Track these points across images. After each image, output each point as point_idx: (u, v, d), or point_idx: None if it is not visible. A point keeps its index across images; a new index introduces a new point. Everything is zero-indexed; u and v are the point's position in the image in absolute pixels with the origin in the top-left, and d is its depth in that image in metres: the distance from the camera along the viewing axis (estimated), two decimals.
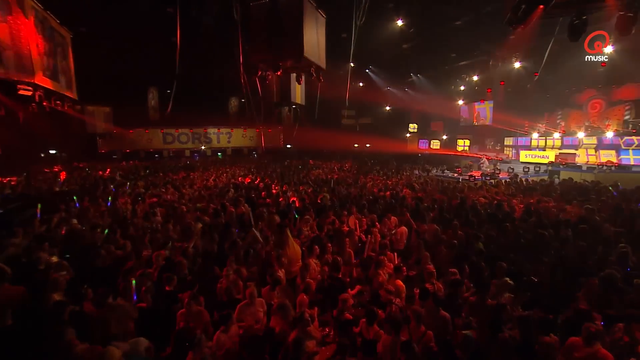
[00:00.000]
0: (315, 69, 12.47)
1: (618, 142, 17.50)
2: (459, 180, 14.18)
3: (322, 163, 23.92)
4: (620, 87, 19.33)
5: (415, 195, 10.19)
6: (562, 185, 12.50)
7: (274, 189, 12.96)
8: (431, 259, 5.53)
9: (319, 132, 33.65)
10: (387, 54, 20.66)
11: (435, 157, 25.12)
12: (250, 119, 24.87)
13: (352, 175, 16.19)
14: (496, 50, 17.57)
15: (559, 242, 5.71)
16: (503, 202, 8.83)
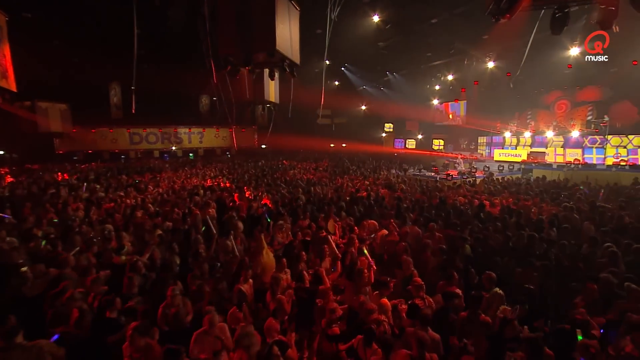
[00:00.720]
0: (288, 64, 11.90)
1: (583, 141, 18.27)
2: (437, 180, 14.07)
3: (298, 163, 23.32)
4: (582, 88, 20.13)
5: (395, 195, 9.84)
6: (536, 183, 12.64)
7: (247, 192, 12.26)
8: (415, 265, 5.12)
9: (294, 132, 33.08)
10: (363, 51, 20.38)
11: (411, 157, 25.17)
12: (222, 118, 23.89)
13: (329, 176, 15.72)
14: (471, 49, 17.69)
15: (546, 243, 5.46)
16: (483, 201, 8.64)
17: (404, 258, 4.90)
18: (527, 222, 6.85)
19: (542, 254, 5.32)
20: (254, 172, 18.12)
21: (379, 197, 9.39)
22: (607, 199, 9.39)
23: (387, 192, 10.54)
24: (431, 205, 8.51)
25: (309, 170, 19.14)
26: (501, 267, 4.97)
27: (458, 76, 21.65)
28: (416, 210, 7.83)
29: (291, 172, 17.87)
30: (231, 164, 22.81)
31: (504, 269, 5.00)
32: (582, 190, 10.76)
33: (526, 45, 17.22)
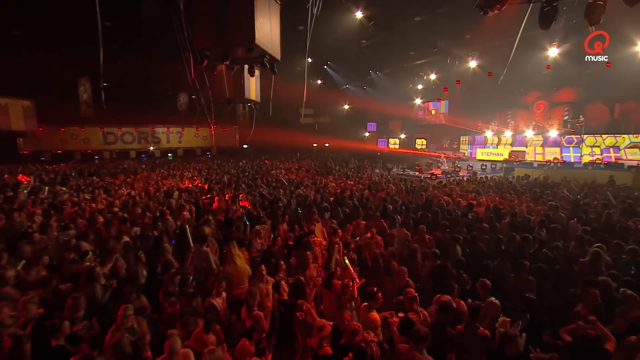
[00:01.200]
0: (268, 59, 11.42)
1: (561, 141, 18.73)
2: (422, 179, 13.93)
3: (280, 163, 22.79)
4: (559, 89, 20.60)
5: (381, 196, 9.53)
6: (519, 181, 12.68)
7: (227, 193, 11.70)
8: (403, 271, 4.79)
9: (276, 131, 32.52)
10: (346, 49, 20.10)
11: (395, 156, 25.11)
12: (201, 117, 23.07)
13: (311, 176, 15.32)
14: (454, 48, 17.71)
15: (537, 244, 5.23)
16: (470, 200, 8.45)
17: (398, 268, 4.55)
18: (521, 223, 6.66)
19: (533, 256, 5.11)
20: (234, 172, 17.49)
21: (363, 198, 9.06)
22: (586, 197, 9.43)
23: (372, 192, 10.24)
24: (418, 206, 8.24)
25: (291, 170, 18.67)
26: (493, 271, 4.70)
27: (441, 75, 21.72)
28: (402, 211, 7.52)
29: (273, 172, 17.35)
30: (211, 165, 22.05)
31: (495, 273, 4.74)
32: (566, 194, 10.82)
33: (507, 45, 17.48)
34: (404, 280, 4.42)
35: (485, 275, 5.04)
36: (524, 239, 5.19)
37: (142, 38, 17.70)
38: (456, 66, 18.98)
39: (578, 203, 8.23)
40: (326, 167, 18.81)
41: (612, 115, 19.33)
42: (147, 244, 5.84)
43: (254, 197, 9.90)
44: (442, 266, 4.61)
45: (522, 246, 5.17)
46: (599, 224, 6.86)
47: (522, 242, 5.21)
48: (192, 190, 11.12)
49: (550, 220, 6.53)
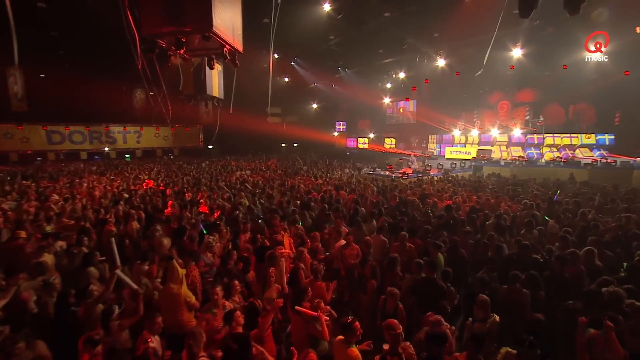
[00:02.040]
0: (229, 51, 10.46)
1: (524, 140, 19.31)
2: (393, 178, 13.53)
3: (247, 164, 21.67)
4: (521, 90, 21.30)
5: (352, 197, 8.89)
6: (490, 179, 12.64)
7: (187, 194, 10.58)
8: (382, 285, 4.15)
9: (243, 131, 31.25)
10: (314, 45, 19.42)
11: (365, 155, 24.81)
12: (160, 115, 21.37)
13: (278, 177, 14.46)
14: (423, 46, 17.60)
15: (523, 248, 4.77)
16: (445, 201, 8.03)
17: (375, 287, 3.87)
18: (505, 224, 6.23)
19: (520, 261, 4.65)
20: (195, 174, 16.20)
21: (333, 200, 8.36)
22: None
23: (343, 193, 9.57)
24: (392, 208, 7.68)
25: (257, 171, 17.67)
26: (480, 283, 4.13)
27: (410, 74, 21.66)
28: (377, 214, 6.89)
29: (238, 174, 16.26)
30: (171, 166, 20.47)
31: (482, 284, 4.18)
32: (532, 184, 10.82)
33: (474, 45, 17.70)
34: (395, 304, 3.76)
35: (471, 288, 4.52)
36: (524, 247, 4.66)
37: (87, 24, 15.98)
38: (425, 65, 18.94)
39: (552, 200, 8.07)
40: (294, 168, 18.02)
41: (567, 116, 20.24)
42: (72, 264, 4.75)
43: (213, 201, 8.88)
44: (429, 280, 3.98)
45: (520, 253, 4.64)
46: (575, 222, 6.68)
47: (521, 250, 4.66)
48: (143, 195, 9.85)
49: (537, 222, 6.18)
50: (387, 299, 3.84)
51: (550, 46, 16.29)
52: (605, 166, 15.05)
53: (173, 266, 3.86)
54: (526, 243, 4.72)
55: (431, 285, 3.92)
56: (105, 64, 19.36)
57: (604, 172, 14.43)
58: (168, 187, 12.20)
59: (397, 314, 3.77)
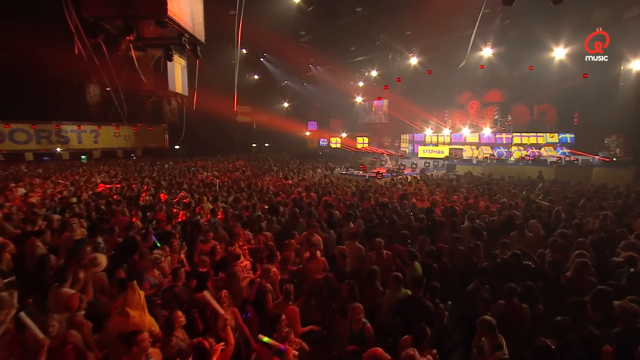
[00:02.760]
0: (189, 40, 9.47)
1: (493, 139, 19.66)
2: (367, 178, 13.06)
3: (214, 165, 20.50)
4: (489, 90, 21.71)
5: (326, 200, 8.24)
6: (465, 178, 12.50)
7: (142, 199, 9.50)
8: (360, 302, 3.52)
9: (212, 131, 29.91)
10: (284, 42, 18.64)
11: (337, 155, 24.36)
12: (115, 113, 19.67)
13: (246, 178, 13.57)
14: (395, 44, 17.35)
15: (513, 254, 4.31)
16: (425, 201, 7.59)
17: (356, 307, 3.23)
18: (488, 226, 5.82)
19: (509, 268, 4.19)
20: (157, 176, 14.91)
21: (305, 203, 7.67)
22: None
23: (314, 195, 8.90)
24: (369, 210, 7.10)
25: (225, 171, 16.63)
26: (481, 302, 3.56)
27: (382, 72, 21.42)
28: (353, 217, 6.27)
29: (203, 175, 15.17)
30: (132, 167, 18.90)
31: (472, 299, 3.66)
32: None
33: (446, 44, 17.72)
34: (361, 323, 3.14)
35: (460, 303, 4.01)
36: (515, 256, 4.17)
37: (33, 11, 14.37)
38: (397, 63, 18.74)
39: (530, 199, 7.87)
40: (264, 168, 17.16)
41: (532, 116, 20.86)
42: None
43: (169, 207, 7.91)
44: (415, 300, 3.39)
45: (513, 262, 4.15)
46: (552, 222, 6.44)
47: (513, 260, 4.17)
48: (88, 201, 8.65)
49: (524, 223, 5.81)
50: (352, 318, 3.24)
51: (518, 46, 16.58)
52: (568, 164, 15.56)
53: (133, 288, 3.05)
54: (517, 252, 4.25)
55: (417, 305, 3.33)
56: (58, 55, 17.48)
57: (568, 169, 14.91)
58: (124, 190, 10.99)
59: (363, 334, 3.21)
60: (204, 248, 5.22)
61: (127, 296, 3.23)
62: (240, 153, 30.25)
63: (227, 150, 31.73)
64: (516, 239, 5.62)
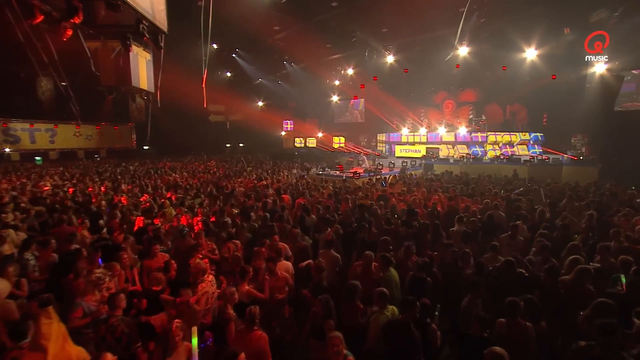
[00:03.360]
0: (148, 28, 8.60)
1: (469, 138, 19.84)
2: (344, 178, 12.58)
3: (186, 165, 19.40)
4: (464, 90, 21.92)
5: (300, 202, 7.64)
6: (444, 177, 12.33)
7: (95, 203, 8.51)
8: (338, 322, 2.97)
9: (184, 130, 28.55)
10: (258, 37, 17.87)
11: (313, 155, 23.83)
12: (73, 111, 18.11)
13: (216, 179, 12.73)
14: (372, 41, 17.00)
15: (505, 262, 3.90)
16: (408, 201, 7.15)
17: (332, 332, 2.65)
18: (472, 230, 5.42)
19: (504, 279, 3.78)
20: (120, 178, 13.72)
21: (277, 207, 7.04)
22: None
23: (287, 197, 8.27)
24: (347, 214, 6.58)
25: (195, 173, 15.64)
26: (479, 323, 3.07)
27: (358, 70, 21.08)
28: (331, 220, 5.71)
29: (172, 177, 14.14)
30: (92, 169, 17.44)
31: (482, 324, 3.16)
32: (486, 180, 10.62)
33: (421, 43, 17.61)
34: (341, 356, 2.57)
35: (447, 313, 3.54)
36: (507, 263, 3.77)
37: None
38: (374, 60, 18.43)
39: (510, 199, 7.65)
40: (237, 169, 16.32)
41: (504, 115, 21.23)
42: None
43: (126, 214, 7.03)
44: (406, 327, 2.86)
45: (507, 269, 3.72)
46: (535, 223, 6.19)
47: (504, 265, 3.76)
48: (26, 208, 7.56)
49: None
50: (330, 350, 2.68)
51: (492, 47, 16.71)
52: (540, 163, 15.90)
53: (48, 315, 2.35)
54: (511, 259, 3.84)
55: (409, 333, 2.80)
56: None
57: (540, 168, 15.25)
58: (76, 195, 9.88)
59: None
60: (151, 265, 4.47)
61: (40, 326, 2.50)
62: (213, 153, 29.06)
63: (199, 150, 30.44)
64: (507, 241, 5.30)
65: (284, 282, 3.95)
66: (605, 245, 4.40)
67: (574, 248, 4.38)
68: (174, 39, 15.61)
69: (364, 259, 4.07)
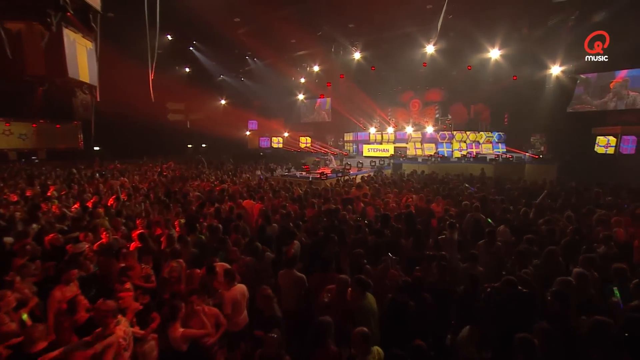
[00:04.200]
0: (74, 5, 7.23)
1: (436, 137, 19.83)
2: (310, 180, 11.75)
3: (140, 167, 17.63)
4: (430, 89, 21.94)
5: (259, 208, 6.69)
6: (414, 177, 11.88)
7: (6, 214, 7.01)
8: None
9: (139, 129, 26.21)
10: (217, 27, 16.55)
11: (279, 155, 22.79)
12: None
13: (169, 182, 11.39)
14: (338, 36, 16.33)
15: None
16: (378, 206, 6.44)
17: None
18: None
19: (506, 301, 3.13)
20: (56, 183, 11.90)
21: (233, 215, 6.04)
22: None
23: (250, 203, 7.27)
24: (314, 220, 5.74)
25: (147, 176, 14.09)
26: (466, 353, 2.40)
27: (324, 67, 20.39)
28: (291, 234, 4.84)
29: (118, 182, 12.48)
30: (21, 173, 15.17)
31: (468, 355, 2.47)
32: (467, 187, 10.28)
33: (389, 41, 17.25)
34: None
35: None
36: (508, 284, 3.09)
37: None
38: (340, 57, 17.81)
39: (485, 198, 7.22)
40: (197, 171, 14.96)
41: (469, 115, 21.52)
42: None
43: (52, 226, 5.71)
44: None
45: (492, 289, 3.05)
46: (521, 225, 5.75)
47: (506, 287, 3.07)
48: None
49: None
50: None
51: (457, 46, 16.72)
52: (505, 161, 16.16)
53: None
54: (511, 278, 3.18)
55: None
56: None
57: (505, 166, 15.45)
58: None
59: None
60: (59, 295, 3.36)
61: None
62: (173, 155, 26.99)
63: (158, 151, 28.18)
64: (484, 249, 4.74)
65: (214, 320, 3.04)
66: (589, 257, 3.92)
67: (588, 261, 3.82)
68: (126, 28, 13.99)
69: (338, 284, 3.25)
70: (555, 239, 4.93)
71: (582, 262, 3.69)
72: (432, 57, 17.25)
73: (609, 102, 16.35)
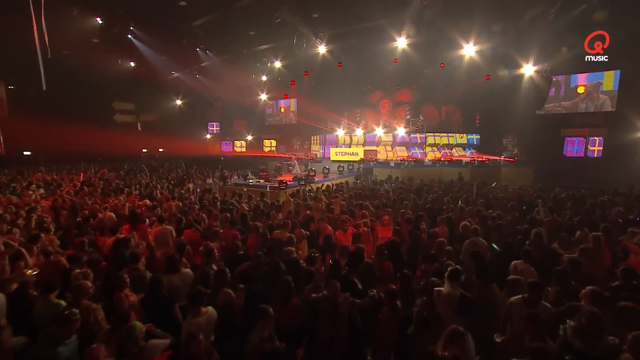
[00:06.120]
0: None
1: (408, 139, 18.63)
2: (267, 190, 9.75)
3: (67, 175, 14.79)
4: (400, 90, 20.76)
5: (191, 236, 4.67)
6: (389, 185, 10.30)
7: None
8: None
9: (80, 131, 22.79)
10: (156, 9, 14.19)
11: (240, 160, 20.63)
12: None
13: (78, 200, 8.84)
14: (300, 26, 14.48)
15: None
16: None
17: None
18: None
19: None
20: None
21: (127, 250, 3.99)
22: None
23: (167, 230, 5.20)
24: (256, 257, 3.82)
25: (65, 185, 11.44)
26: None
27: (287, 63, 18.51)
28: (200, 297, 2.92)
29: (33, 195, 9.69)
30: None
31: None
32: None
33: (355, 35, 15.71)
34: None
35: None
36: None
37: None
38: (304, 51, 16.01)
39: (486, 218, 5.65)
40: (127, 180, 12.49)
41: (440, 116, 20.55)
42: None
43: None
44: None
45: None
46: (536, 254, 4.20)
47: None
48: None
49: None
50: None
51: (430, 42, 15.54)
52: (481, 165, 15.29)
53: None
54: None
55: None
56: None
57: (482, 170, 14.69)
58: None
59: None
60: None
61: None
62: (122, 160, 23.77)
63: (104, 157, 24.79)
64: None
65: None
66: None
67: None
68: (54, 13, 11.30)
69: None
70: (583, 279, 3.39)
71: None
72: (404, 52, 15.91)
73: (580, 104, 15.95)
